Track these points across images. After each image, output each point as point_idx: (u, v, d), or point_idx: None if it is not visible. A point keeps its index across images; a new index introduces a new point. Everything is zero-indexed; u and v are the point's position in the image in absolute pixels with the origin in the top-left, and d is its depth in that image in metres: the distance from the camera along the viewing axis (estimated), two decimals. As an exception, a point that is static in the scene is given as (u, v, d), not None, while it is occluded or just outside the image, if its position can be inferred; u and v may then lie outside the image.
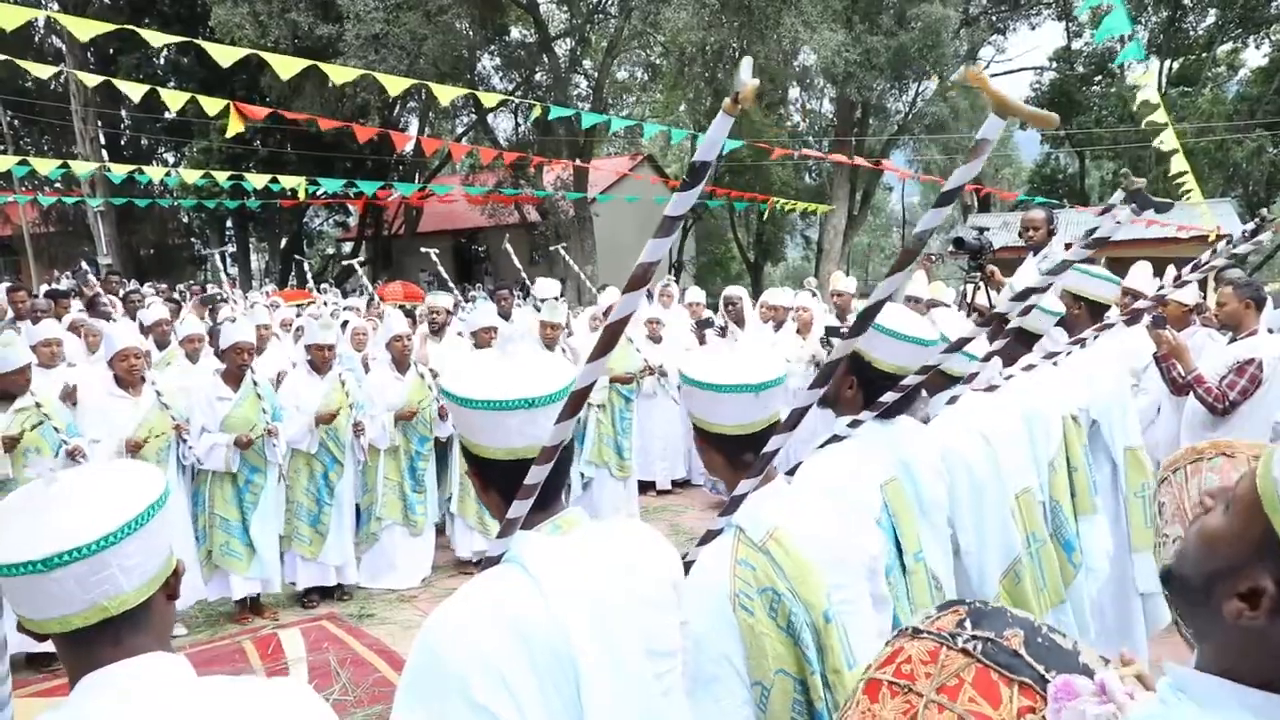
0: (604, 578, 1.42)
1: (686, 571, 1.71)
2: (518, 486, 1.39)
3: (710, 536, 1.79)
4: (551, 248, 9.64)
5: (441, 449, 6.52)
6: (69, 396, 5.20)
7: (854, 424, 2.17)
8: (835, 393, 2.26)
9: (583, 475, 7.02)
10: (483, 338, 6.28)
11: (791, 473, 2.08)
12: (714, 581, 1.70)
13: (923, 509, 2.32)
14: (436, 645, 1.33)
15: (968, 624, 1.33)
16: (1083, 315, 3.37)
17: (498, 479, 1.47)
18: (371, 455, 5.97)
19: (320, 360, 5.74)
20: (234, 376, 5.39)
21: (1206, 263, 2.97)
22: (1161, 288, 3.92)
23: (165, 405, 5.20)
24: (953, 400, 2.62)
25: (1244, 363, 4.42)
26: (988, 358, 2.65)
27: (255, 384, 5.36)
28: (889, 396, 2.09)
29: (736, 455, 1.81)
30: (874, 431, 2.21)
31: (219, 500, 5.38)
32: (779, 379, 1.79)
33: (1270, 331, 5.10)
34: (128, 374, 5.16)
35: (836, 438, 2.20)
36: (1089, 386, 3.41)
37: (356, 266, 8.25)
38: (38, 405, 4.77)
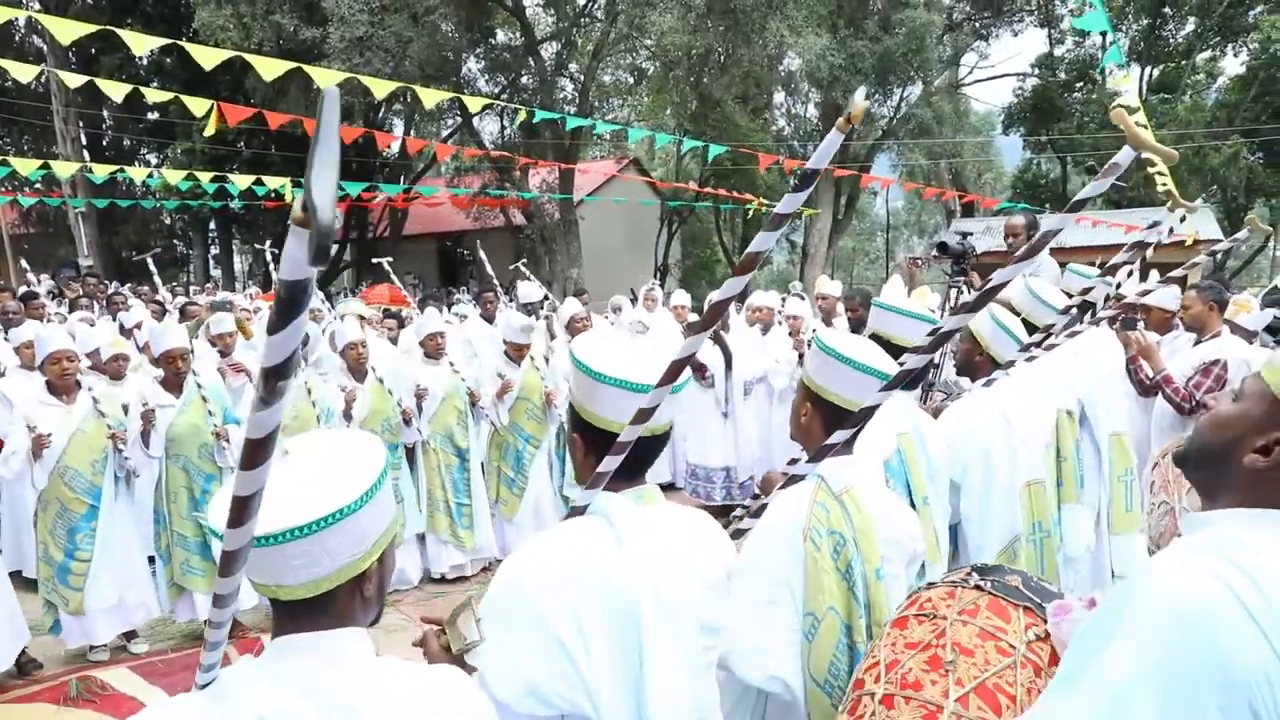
0: (676, 550, 1.59)
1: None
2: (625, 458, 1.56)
3: (791, 481, 1.98)
4: (510, 266, 9.61)
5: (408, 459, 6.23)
6: None
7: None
8: None
9: (567, 499, 6.49)
10: (429, 344, 6.21)
11: None
12: (790, 514, 1.92)
13: (929, 468, 2.57)
14: (526, 578, 1.51)
15: (974, 574, 1.64)
16: (984, 362, 3.00)
17: (599, 445, 1.60)
18: None
19: None
20: (173, 383, 5.11)
21: (1188, 269, 3.02)
22: (1114, 289, 3.99)
23: (101, 414, 4.85)
24: (989, 382, 2.84)
25: (1209, 364, 4.52)
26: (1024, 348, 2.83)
27: (200, 387, 5.08)
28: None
29: (835, 424, 1.94)
30: (902, 405, 2.56)
31: (175, 516, 5.09)
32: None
33: (1254, 333, 5.19)
34: (60, 380, 4.80)
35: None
36: (1083, 371, 3.51)
37: (386, 265, 8.15)
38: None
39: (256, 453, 0.88)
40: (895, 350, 2.48)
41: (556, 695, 1.45)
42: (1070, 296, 3.33)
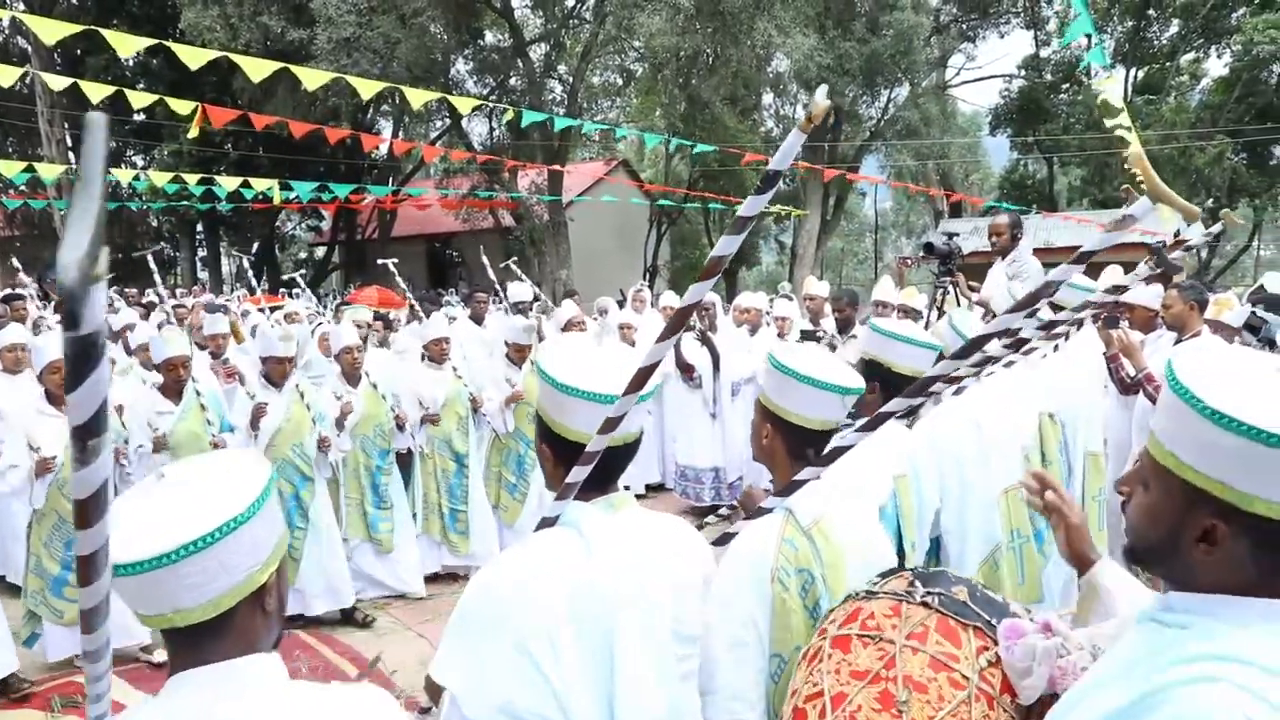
0: (648, 558, 1.57)
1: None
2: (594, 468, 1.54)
3: (760, 513, 1.90)
4: (501, 265, 9.58)
5: (403, 463, 6.12)
6: None
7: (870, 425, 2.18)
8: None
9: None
10: (434, 349, 6.16)
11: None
12: (758, 552, 1.81)
13: (920, 514, 2.51)
14: (493, 590, 1.48)
15: (917, 584, 1.53)
16: (875, 395, 2.46)
17: (567, 456, 1.58)
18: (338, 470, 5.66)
19: (277, 374, 5.29)
20: (172, 390, 4.97)
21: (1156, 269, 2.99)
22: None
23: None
24: (957, 391, 2.75)
25: None
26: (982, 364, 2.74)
27: (198, 394, 4.93)
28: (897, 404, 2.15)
29: (799, 445, 1.92)
30: (891, 428, 2.29)
31: None
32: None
33: (1238, 330, 5.21)
34: (59, 389, 4.56)
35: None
36: (1060, 388, 3.46)
37: (299, 279, 8.04)
38: None
39: (89, 512, 0.84)
40: (891, 378, 2.43)
41: (529, 711, 1.43)
42: (1055, 310, 3.19)
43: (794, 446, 1.93)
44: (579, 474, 1.53)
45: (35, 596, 4.74)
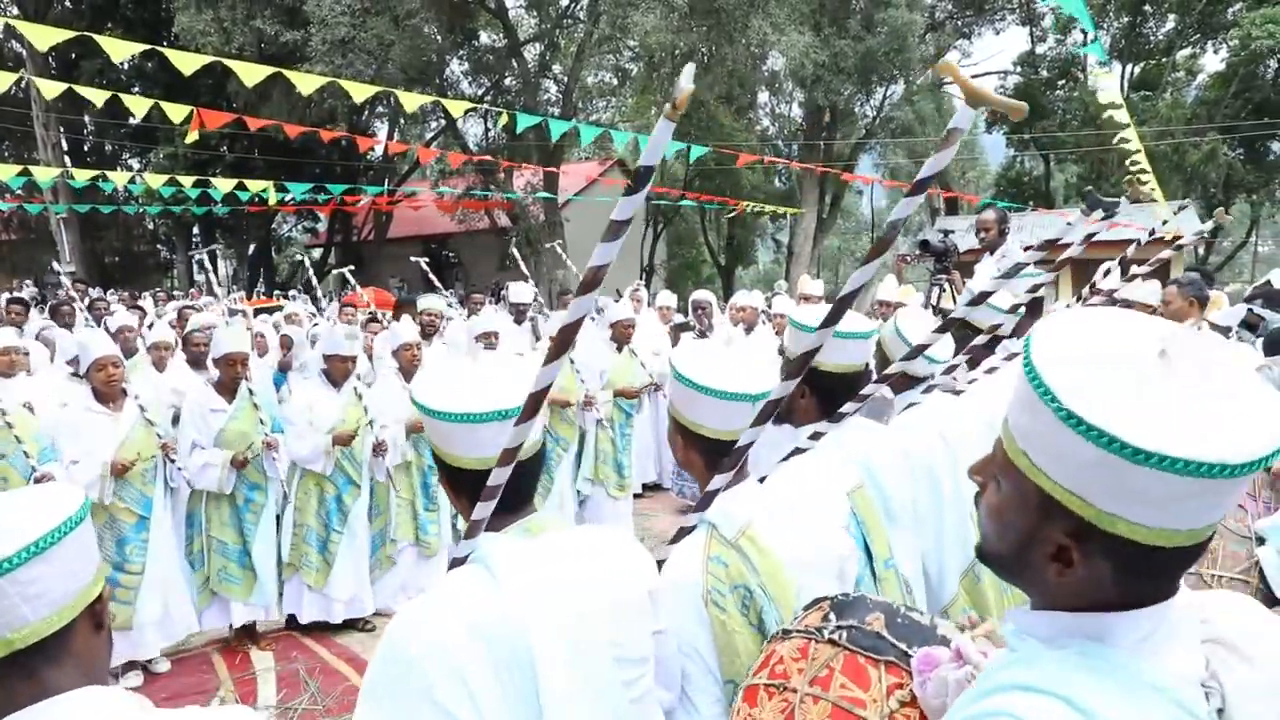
0: (572, 581, 1.42)
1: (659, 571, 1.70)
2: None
3: (683, 534, 1.76)
4: (547, 244, 9.57)
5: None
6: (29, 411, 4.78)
7: (815, 436, 2.03)
8: (788, 404, 2.09)
9: (579, 493, 6.60)
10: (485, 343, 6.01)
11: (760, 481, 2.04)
12: (686, 577, 1.68)
13: (889, 514, 2.29)
14: (399, 643, 1.33)
15: (832, 616, 1.41)
16: (806, 399, 2.22)
17: (469, 487, 1.46)
18: (392, 473, 5.51)
19: (340, 373, 5.20)
20: (227, 388, 4.91)
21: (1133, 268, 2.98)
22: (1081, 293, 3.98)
23: (150, 421, 4.67)
24: (912, 404, 2.62)
25: None
26: (949, 369, 2.63)
27: (251, 393, 4.87)
28: (849, 406, 2.00)
29: (714, 456, 1.76)
30: (832, 437, 2.09)
31: (215, 522, 4.91)
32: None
33: (1228, 330, 5.21)
34: (106, 386, 4.59)
35: (798, 450, 2.09)
36: None
37: (349, 275, 8.03)
38: (8, 424, 4.32)
39: None
40: (819, 379, 2.16)
41: None
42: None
43: (709, 457, 1.79)
44: (484, 510, 1.41)
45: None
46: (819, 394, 2.18)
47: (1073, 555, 0.88)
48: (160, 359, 6.12)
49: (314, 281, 9.42)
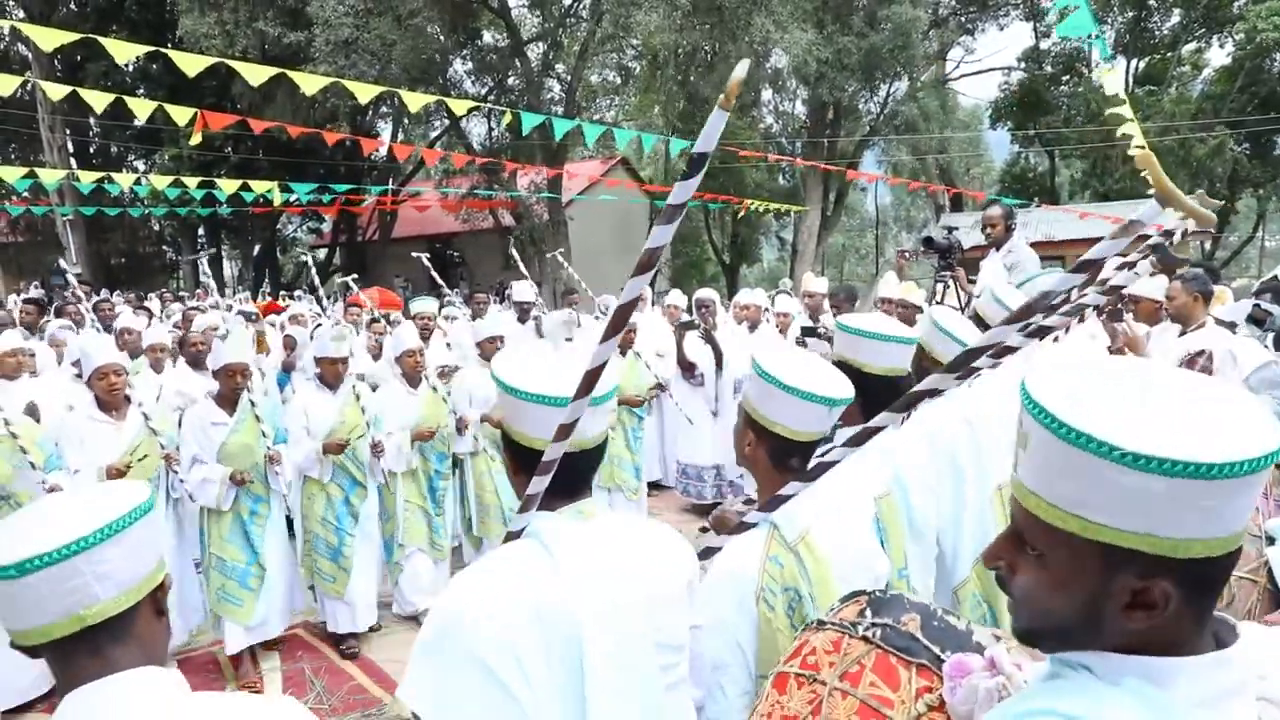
0: (621, 566, 1.51)
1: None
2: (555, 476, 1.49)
3: (743, 528, 1.82)
4: (548, 254, 9.64)
5: (457, 465, 5.89)
6: (32, 414, 4.69)
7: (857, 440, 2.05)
8: None
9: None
10: (487, 348, 5.86)
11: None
12: (742, 572, 1.75)
13: (912, 527, 2.34)
14: (458, 613, 1.41)
15: (868, 612, 1.40)
16: (931, 368, 2.20)
17: (534, 467, 1.52)
18: (389, 478, 5.36)
19: (332, 375, 5.08)
20: (228, 400, 4.70)
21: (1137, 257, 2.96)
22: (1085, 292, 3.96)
23: (154, 431, 4.57)
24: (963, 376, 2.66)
25: (1194, 354, 4.52)
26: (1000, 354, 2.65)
27: (252, 405, 4.67)
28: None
29: (783, 456, 1.85)
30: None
31: (215, 537, 4.69)
32: None
33: (1233, 325, 5.18)
34: (108, 395, 4.50)
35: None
36: None
37: (351, 283, 8.01)
38: (13, 434, 4.14)
39: None
40: (866, 381, 2.21)
41: None
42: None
43: (778, 456, 1.85)
44: (539, 484, 1.48)
45: None
46: (863, 396, 2.19)
47: (1155, 594, 0.87)
48: (157, 360, 6.07)
49: (318, 283, 9.40)
